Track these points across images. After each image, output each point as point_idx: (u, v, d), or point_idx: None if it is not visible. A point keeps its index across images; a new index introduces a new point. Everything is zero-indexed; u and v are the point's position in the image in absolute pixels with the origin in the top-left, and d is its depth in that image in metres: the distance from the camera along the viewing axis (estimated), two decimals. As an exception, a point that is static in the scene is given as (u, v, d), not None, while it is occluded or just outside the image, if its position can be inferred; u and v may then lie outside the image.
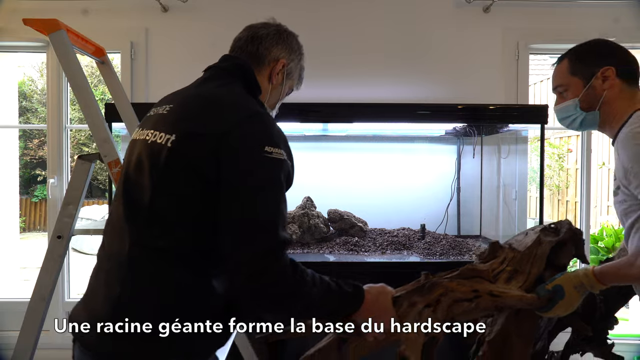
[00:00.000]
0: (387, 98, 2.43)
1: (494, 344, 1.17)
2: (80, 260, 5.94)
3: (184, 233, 0.85)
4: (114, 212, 0.94)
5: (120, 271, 0.87)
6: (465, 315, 1.09)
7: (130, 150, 0.96)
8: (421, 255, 2.12)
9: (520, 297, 1.08)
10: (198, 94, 0.96)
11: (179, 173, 0.84)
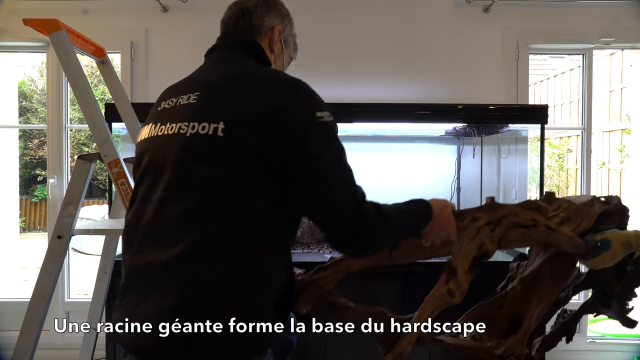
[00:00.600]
0: (387, 98, 2.43)
1: (526, 282, 1.24)
2: (80, 260, 5.94)
3: (249, 226, 0.81)
4: (141, 218, 0.85)
5: (174, 277, 0.79)
6: (516, 242, 1.14)
7: (148, 149, 0.90)
8: (421, 255, 2.12)
9: (571, 237, 1.14)
10: (227, 75, 0.90)
11: (239, 161, 0.79)
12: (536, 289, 1.22)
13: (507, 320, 1.24)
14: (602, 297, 1.32)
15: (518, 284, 1.25)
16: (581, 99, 2.60)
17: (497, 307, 1.25)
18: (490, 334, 1.22)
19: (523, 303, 1.23)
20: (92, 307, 1.75)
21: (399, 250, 1.15)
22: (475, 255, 1.12)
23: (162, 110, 0.93)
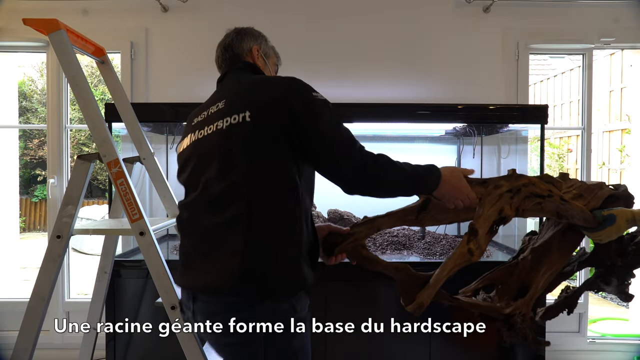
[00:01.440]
0: (387, 98, 2.43)
1: (536, 252, 1.35)
2: (80, 260, 5.94)
3: (281, 187, 1.08)
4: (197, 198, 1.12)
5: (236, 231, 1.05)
6: (531, 212, 1.25)
7: (194, 151, 1.15)
8: (421, 255, 2.12)
9: (581, 209, 1.25)
10: (242, 83, 1.19)
11: (265, 135, 1.06)
12: (545, 259, 1.34)
13: (517, 286, 1.35)
14: (603, 275, 1.43)
15: (529, 254, 1.36)
16: (581, 99, 2.60)
17: (509, 274, 1.37)
18: (501, 297, 1.35)
19: (532, 271, 1.34)
20: (92, 307, 1.74)
21: (426, 214, 1.28)
22: (495, 219, 1.22)
23: (196, 123, 1.20)
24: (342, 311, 1.94)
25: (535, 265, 1.35)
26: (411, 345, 1.94)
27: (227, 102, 1.14)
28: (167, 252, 2.24)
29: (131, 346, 1.97)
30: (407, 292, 1.31)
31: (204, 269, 1.09)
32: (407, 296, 1.31)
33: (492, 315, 1.34)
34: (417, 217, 1.28)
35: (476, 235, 1.21)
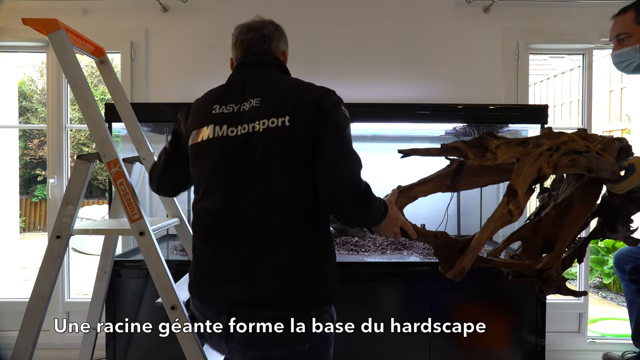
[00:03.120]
0: (387, 98, 2.43)
1: (559, 207, 1.39)
2: (80, 260, 5.94)
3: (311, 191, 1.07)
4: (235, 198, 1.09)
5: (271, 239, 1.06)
6: (566, 168, 1.28)
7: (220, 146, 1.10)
8: (421, 255, 2.12)
9: (613, 162, 1.30)
10: (276, 84, 1.16)
11: (299, 138, 1.06)
12: (568, 213, 1.37)
13: (541, 242, 1.39)
14: (608, 224, 1.51)
15: (551, 210, 1.39)
16: (581, 99, 2.60)
17: (533, 231, 1.40)
18: (527, 254, 1.38)
19: (555, 226, 1.38)
20: (92, 307, 1.74)
21: (461, 178, 1.32)
22: (534, 178, 1.24)
23: (220, 114, 1.13)
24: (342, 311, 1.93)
25: (558, 220, 1.38)
26: (411, 345, 1.94)
27: (264, 101, 1.10)
28: (167, 252, 2.24)
29: (131, 346, 1.97)
30: (445, 259, 1.32)
31: (247, 280, 1.06)
32: (445, 263, 1.33)
33: (524, 272, 1.37)
34: (453, 182, 1.32)
35: (515, 195, 1.24)
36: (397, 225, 1.22)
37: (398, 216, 1.23)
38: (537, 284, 1.38)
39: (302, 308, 1.07)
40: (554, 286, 1.37)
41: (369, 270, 1.97)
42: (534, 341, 1.98)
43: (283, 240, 1.06)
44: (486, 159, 1.26)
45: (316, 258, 1.09)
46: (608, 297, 3.80)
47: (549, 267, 1.35)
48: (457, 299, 1.97)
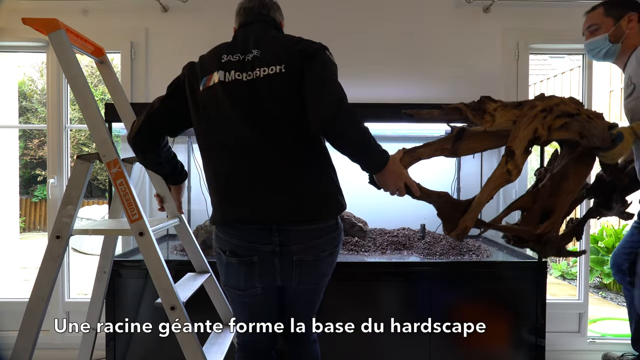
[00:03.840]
0: (387, 98, 2.42)
1: (555, 178, 1.47)
2: (80, 260, 5.94)
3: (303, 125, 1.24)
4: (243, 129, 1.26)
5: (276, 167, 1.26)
6: (558, 132, 1.35)
7: (224, 90, 1.26)
8: (421, 255, 2.12)
9: (603, 127, 1.38)
10: (273, 38, 1.33)
11: (293, 79, 1.23)
12: (564, 184, 1.47)
13: (539, 212, 1.47)
14: (603, 202, 1.61)
15: (548, 181, 1.48)
16: (581, 99, 2.60)
17: (531, 201, 1.48)
18: (526, 223, 1.47)
19: (552, 196, 1.47)
20: (91, 306, 1.75)
21: (461, 143, 1.39)
22: (530, 139, 1.31)
23: (227, 62, 1.28)
24: (342, 311, 1.94)
25: (555, 191, 1.47)
26: (411, 345, 1.94)
27: (263, 52, 1.27)
28: (167, 253, 2.24)
29: (131, 346, 1.97)
30: (448, 220, 1.42)
31: (288, 202, 1.26)
32: (448, 224, 1.43)
33: (525, 237, 1.46)
34: (453, 146, 1.39)
35: (513, 156, 1.30)
36: (401, 179, 1.30)
37: (402, 171, 1.31)
38: (538, 247, 1.47)
39: (334, 218, 1.35)
40: (554, 248, 1.45)
41: (369, 270, 1.97)
42: (534, 341, 1.98)
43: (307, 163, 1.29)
44: (485, 121, 1.34)
45: (327, 176, 1.34)
46: (608, 297, 3.80)
47: (548, 231, 1.44)
48: (457, 299, 1.97)
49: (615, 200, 1.60)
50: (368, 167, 1.28)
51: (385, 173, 1.27)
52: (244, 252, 1.28)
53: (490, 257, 2.13)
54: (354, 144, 1.22)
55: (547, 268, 2.02)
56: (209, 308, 1.83)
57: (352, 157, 1.24)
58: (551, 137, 1.37)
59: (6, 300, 2.56)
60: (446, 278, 1.97)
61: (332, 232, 1.34)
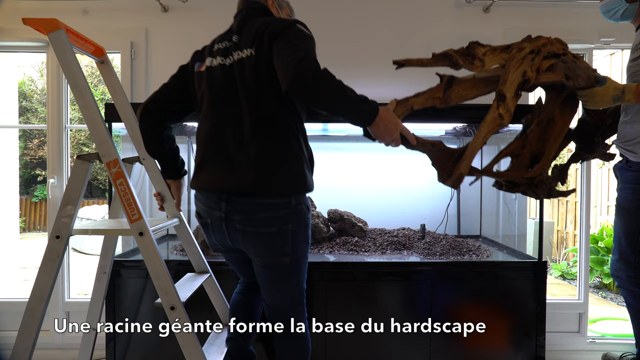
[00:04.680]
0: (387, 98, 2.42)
1: (541, 123, 1.53)
2: (80, 260, 5.94)
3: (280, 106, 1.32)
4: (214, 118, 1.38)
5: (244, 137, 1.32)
6: (546, 75, 1.38)
7: (209, 74, 1.40)
8: (421, 255, 2.12)
9: (587, 66, 1.44)
10: (255, 22, 1.38)
11: (263, 61, 1.29)
12: (551, 128, 1.52)
13: (529, 157, 1.52)
14: (585, 146, 1.67)
15: (535, 127, 1.53)
16: (581, 99, 2.60)
17: (520, 147, 1.52)
18: (516, 168, 1.52)
19: (540, 141, 1.52)
20: (91, 307, 1.75)
21: (451, 92, 1.39)
22: (520, 82, 1.34)
23: (217, 49, 1.42)
24: (342, 311, 1.94)
25: (542, 136, 1.52)
26: (411, 345, 1.94)
27: (241, 38, 1.36)
28: (167, 253, 2.24)
29: (131, 346, 1.97)
30: (442, 169, 1.42)
31: (240, 175, 1.32)
32: (443, 173, 1.43)
33: (516, 181, 1.51)
34: (444, 95, 1.39)
35: (504, 99, 1.32)
36: (396, 129, 1.30)
37: (397, 121, 1.31)
38: (529, 190, 1.52)
39: (285, 196, 1.34)
40: (546, 189, 1.50)
41: (369, 270, 1.97)
42: (534, 341, 1.98)
43: (264, 147, 1.31)
44: (475, 66, 1.38)
45: (288, 156, 1.33)
46: (608, 297, 3.80)
47: (538, 174, 1.49)
48: (457, 298, 1.97)
49: (596, 143, 1.66)
50: (358, 119, 1.26)
51: (380, 123, 1.26)
52: (204, 214, 1.43)
53: (490, 257, 2.13)
54: (331, 98, 1.19)
55: (547, 268, 2.02)
56: (209, 308, 1.83)
57: (337, 113, 1.22)
58: (539, 79, 1.40)
59: (6, 300, 2.56)
60: (446, 278, 1.97)
61: (282, 210, 1.34)
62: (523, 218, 2.44)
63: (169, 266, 1.39)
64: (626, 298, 1.84)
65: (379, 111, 1.25)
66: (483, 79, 1.42)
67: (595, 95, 1.48)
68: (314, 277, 1.91)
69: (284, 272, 1.42)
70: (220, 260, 1.90)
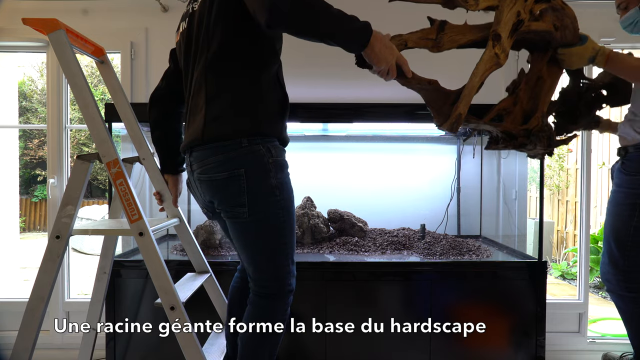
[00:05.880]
0: (387, 98, 2.42)
1: (530, 82, 1.56)
2: (80, 260, 5.94)
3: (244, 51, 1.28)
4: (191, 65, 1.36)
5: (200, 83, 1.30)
6: (537, 24, 1.43)
7: (181, 40, 1.42)
8: (421, 255, 2.12)
9: (574, 16, 1.49)
10: None
11: (219, 10, 1.25)
12: (540, 85, 1.56)
13: (521, 113, 1.55)
14: (567, 115, 1.73)
15: (525, 85, 1.57)
16: (581, 99, 2.60)
17: (512, 104, 1.56)
18: (510, 124, 1.53)
19: (531, 99, 1.56)
20: (92, 307, 1.75)
21: (444, 35, 1.44)
22: (514, 22, 1.37)
23: (183, 14, 1.45)
24: (342, 311, 1.94)
25: (532, 94, 1.56)
26: (411, 345, 1.94)
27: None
28: (167, 253, 2.24)
29: (131, 346, 1.97)
30: (438, 112, 1.44)
31: (195, 126, 1.31)
32: (439, 116, 1.44)
33: (513, 132, 1.53)
34: (437, 38, 1.42)
35: (499, 39, 1.35)
36: (392, 54, 1.24)
37: (393, 47, 1.24)
38: (527, 141, 1.54)
39: (234, 137, 1.26)
40: (545, 137, 1.52)
41: (369, 270, 1.97)
42: (534, 341, 1.98)
43: (213, 88, 1.28)
44: (469, 4, 1.43)
45: (243, 97, 1.27)
46: (608, 297, 3.80)
47: (533, 125, 1.52)
48: (457, 298, 1.97)
49: (580, 114, 1.72)
50: (352, 41, 1.18)
51: (375, 45, 1.18)
52: (188, 179, 1.47)
53: (491, 257, 2.13)
54: (314, 23, 1.12)
55: (547, 268, 2.02)
56: (209, 308, 1.83)
57: (326, 38, 1.15)
58: (530, 27, 1.43)
59: (6, 300, 2.56)
60: (446, 278, 1.97)
61: (231, 152, 1.26)
62: (523, 218, 2.44)
63: (169, 266, 1.39)
64: (616, 302, 1.84)
65: (373, 32, 1.17)
66: (476, 25, 1.47)
67: (572, 55, 1.55)
68: (314, 277, 1.92)
69: (243, 228, 1.32)
70: (221, 260, 1.91)
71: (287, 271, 1.35)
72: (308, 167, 2.54)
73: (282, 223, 1.32)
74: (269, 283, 1.35)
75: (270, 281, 1.35)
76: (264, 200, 1.28)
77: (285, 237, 1.33)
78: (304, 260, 1.98)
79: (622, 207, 1.74)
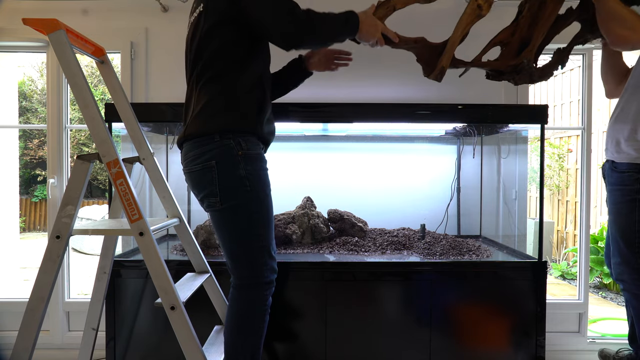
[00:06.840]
0: (387, 98, 2.43)
1: (532, 7, 1.55)
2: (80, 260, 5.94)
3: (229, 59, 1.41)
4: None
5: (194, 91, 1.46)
6: None
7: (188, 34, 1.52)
8: (421, 255, 2.12)
9: None
10: None
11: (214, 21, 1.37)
12: (542, 11, 1.54)
13: (518, 44, 1.56)
14: (588, 27, 1.70)
15: (527, 12, 1.56)
16: (581, 99, 2.60)
17: (510, 35, 1.57)
18: (505, 57, 1.56)
19: (531, 27, 1.56)
20: (92, 307, 1.75)
21: None
22: None
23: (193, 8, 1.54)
24: (342, 311, 1.94)
25: (533, 21, 1.56)
26: (411, 345, 1.94)
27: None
28: (167, 253, 2.24)
29: (131, 346, 1.97)
30: (427, 64, 1.50)
31: (184, 124, 1.48)
32: (427, 68, 1.50)
33: (502, 69, 1.56)
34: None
35: None
36: (377, 30, 1.41)
37: (377, 23, 1.41)
38: (512, 77, 1.57)
39: (208, 135, 1.38)
40: (527, 75, 1.56)
41: (369, 270, 1.97)
42: (534, 341, 1.98)
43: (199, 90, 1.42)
44: None
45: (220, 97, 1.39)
46: (608, 297, 3.81)
47: (522, 60, 1.54)
48: (458, 299, 1.97)
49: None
50: (345, 36, 1.40)
51: (363, 28, 1.39)
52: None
53: (490, 257, 2.13)
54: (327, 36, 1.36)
55: (547, 268, 2.02)
56: (209, 308, 1.83)
57: (327, 43, 1.39)
58: None
59: (6, 300, 2.56)
60: (446, 278, 1.97)
61: (205, 145, 1.39)
62: (523, 218, 2.44)
63: (169, 266, 1.39)
64: (630, 301, 1.84)
65: (359, 17, 1.36)
66: None
67: None
68: (314, 277, 1.92)
69: (218, 217, 1.42)
70: (221, 260, 1.91)
71: (262, 263, 1.42)
72: (308, 167, 2.54)
73: (253, 214, 1.40)
74: (243, 273, 1.43)
75: (244, 271, 1.42)
76: (234, 191, 1.38)
77: (257, 228, 1.41)
78: (304, 260, 1.98)
79: (621, 205, 1.74)
